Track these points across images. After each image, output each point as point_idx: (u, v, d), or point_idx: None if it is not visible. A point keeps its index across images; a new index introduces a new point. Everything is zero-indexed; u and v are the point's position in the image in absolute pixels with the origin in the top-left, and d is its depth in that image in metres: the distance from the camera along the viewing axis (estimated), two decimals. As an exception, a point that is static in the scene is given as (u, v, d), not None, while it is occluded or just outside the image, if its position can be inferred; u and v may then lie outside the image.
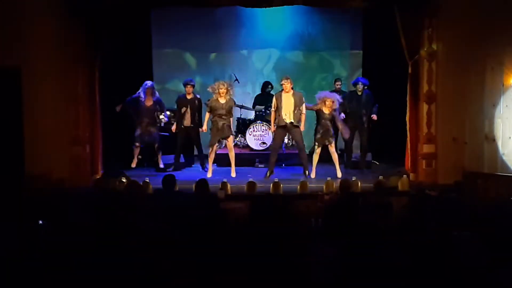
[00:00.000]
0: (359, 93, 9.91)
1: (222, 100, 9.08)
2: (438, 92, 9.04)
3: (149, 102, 9.65)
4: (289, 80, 9.08)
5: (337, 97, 9.40)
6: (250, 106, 11.30)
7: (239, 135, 11.00)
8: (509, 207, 6.23)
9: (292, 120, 9.04)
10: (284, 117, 9.04)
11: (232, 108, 9.25)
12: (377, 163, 10.53)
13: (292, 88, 9.14)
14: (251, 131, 10.68)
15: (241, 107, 11.14)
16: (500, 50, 8.21)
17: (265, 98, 11.11)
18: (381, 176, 8.54)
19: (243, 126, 10.93)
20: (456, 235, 4.82)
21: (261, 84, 11.39)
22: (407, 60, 9.17)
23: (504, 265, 4.18)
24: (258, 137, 10.68)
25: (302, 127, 9.15)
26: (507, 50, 8.12)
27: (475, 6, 8.43)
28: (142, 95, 9.64)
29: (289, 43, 11.97)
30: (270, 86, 11.17)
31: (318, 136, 9.32)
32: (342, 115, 9.63)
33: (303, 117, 9.13)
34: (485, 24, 8.31)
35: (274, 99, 9.20)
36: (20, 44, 7.66)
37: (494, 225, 5.10)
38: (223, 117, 9.08)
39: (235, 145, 10.96)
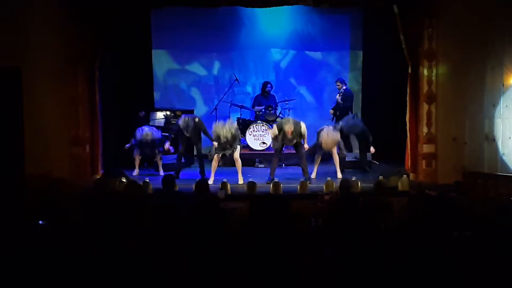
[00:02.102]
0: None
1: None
2: (438, 92, 9.04)
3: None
4: (291, 126, 8.82)
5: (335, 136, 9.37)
6: (250, 106, 11.31)
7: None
8: (509, 207, 6.23)
9: (295, 143, 9.02)
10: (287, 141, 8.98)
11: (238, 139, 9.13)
12: (377, 163, 10.53)
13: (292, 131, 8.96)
14: (251, 131, 10.69)
15: (241, 107, 11.15)
16: (500, 50, 8.21)
17: (264, 98, 11.12)
18: (381, 176, 8.54)
19: (243, 126, 10.93)
20: (456, 235, 4.82)
21: (261, 84, 11.39)
22: (407, 60, 9.17)
23: (504, 265, 4.18)
24: (258, 137, 10.69)
25: (306, 146, 9.08)
26: (507, 50, 8.12)
27: (475, 6, 8.44)
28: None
29: (289, 43, 11.97)
30: (269, 86, 11.18)
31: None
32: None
33: (305, 141, 9.05)
34: (485, 24, 8.31)
35: (275, 127, 9.04)
36: (20, 44, 7.67)
37: (494, 225, 5.09)
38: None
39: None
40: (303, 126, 8.98)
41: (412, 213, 6.08)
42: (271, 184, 8.36)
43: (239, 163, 9.10)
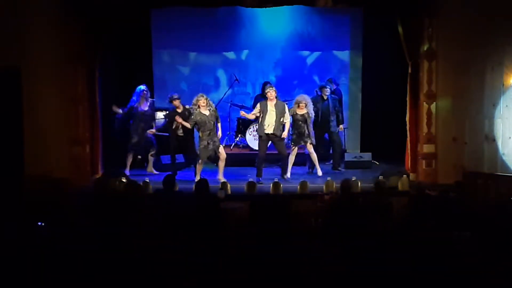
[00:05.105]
0: (325, 98, 9.97)
1: (206, 112, 8.94)
2: (438, 92, 9.04)
3: (144, 107, 9.60)
4: (273, 88, 9.08)
5: (308, 99, 9.45)
6: (250, 106, 11.30)
7: (239, 135, 11.00)
8: (509, 207, 6.23)
9: (273, 131, 9.00)
10: (265, 127, 9.00)
11: (218, 118, 9.10)
12: (377, 163, 10.53)
13: (276, 97, 9.10)
14: (251, 131, 10.67)
15: (241, 107, 11.15)
16: (500, 50, 8.21)
17: (265, 98, 11.09)
18: (381, 176, 8.54)
19: (243, 126, 10.92)
20: (456, 235, 4.83)
21: (261, 84, 11.38)
22: (407, 60, 9.17)
23: (504, 265, 4.18)
24: (258, 137, 10.65)
25: (284, 134, 9.09)
26: (507, 50, 8.12)
27: (475, 6, 8.43)
28: (136, 98, 9.54)
29: (289, 43, 11.96)
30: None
31: (294, 136, 9.35)
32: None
33: (287, 125, 9.12)
34: (485, 24, 8.31)
35: (258, 105, 9.13)
36: (20, 44, 7.65)
37: (494, 225, 5.10)
38: (211, 133, 8.89)
39: (235, 145, 10.98)
40: (286, 106, 9.09)
41: (412, 213, 6.08)
42: (271, 184, 8.35)
43: (223, 163, 9.09)
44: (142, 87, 9.62)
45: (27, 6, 7.88)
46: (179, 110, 9.40)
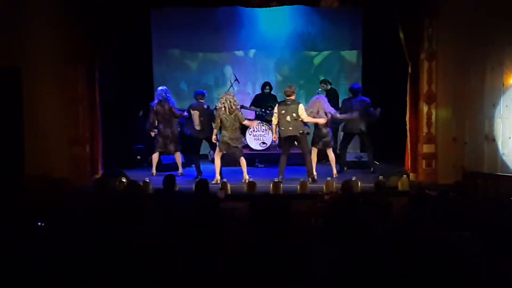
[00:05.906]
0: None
1: None
2: (438, 92, 9.04)
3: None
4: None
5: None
6: (250, 106, 11.31)
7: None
8: (509, 207, 6.23)
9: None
10: None
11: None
12: (377, 163, 10.53)
13: None
14: (251, 131, 10.68)
15: (241, 107, 11.13)
16: (500, 50, 8.20)
17: (264, 98, 11.10)
18: (381, 176, 8.53)
19: (243, 126, 10.90)
20: (456, 235, 4.83)
21: (261, 84, 11.39)
22: (407, 60, 9.17)
23: (504, 265, 4.18)
24: (258, 137, 10.68)
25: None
26: (507, 50, 8.11)
27: (475, 7, 8.43)
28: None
29: (289, 43, 11.97)
30: (268, 87, 11.17)
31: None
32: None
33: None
34: (485, 24, 8.30)
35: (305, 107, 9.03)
36: (20, 44, 7.66)
37: (494, 225, 5.10)
38: None
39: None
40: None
41: (412, 213, 6.08)
42: (271, 184, 8.35)
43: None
44: (164, 87, 9.66)
45: (27, 6, 7.88)
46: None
